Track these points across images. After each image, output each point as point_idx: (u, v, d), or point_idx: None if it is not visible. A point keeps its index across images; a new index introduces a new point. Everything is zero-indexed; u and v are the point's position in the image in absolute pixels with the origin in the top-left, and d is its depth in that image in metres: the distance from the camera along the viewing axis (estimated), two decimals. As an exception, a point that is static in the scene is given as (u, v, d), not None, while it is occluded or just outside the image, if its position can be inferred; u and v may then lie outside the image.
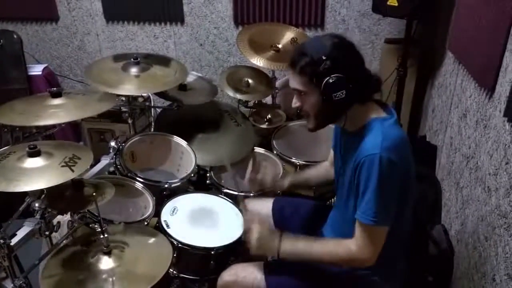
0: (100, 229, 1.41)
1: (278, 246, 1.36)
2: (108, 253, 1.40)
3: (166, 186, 1.98)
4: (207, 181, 2.16)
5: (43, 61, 3.59)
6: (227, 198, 1.95)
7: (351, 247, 1.29)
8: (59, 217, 1.57)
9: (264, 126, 2.58)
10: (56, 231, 1.54)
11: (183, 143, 2.20)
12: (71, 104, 1.75)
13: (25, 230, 1.44)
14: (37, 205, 1.43)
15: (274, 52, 2.53)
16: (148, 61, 2.24)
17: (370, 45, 3.11)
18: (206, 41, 3.34)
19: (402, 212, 1.30)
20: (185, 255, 1.66)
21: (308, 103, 1.32)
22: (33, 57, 3.60)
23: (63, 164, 1.36)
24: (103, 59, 2.58)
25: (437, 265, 1.79)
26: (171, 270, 1.69)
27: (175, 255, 1.62)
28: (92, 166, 1.91)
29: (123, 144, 2.10)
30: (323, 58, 1.23)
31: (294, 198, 1.90)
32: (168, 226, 1.71)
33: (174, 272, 1.70)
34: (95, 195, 1.47)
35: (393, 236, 1.28)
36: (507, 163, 1.31)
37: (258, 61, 2.45)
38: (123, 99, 2.22)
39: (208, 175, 2.17)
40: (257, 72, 2.62)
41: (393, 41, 2.96)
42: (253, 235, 1.40)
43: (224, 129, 2.45)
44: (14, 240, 1.39)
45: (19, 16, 3.53)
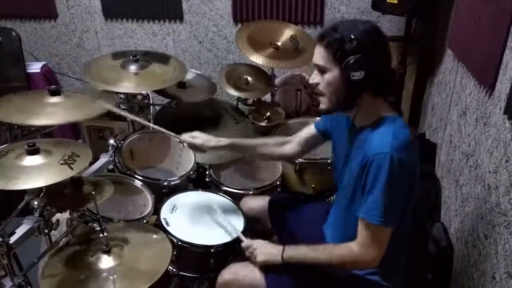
0: (99, 228, 1.40)
1: (281, 252, 1.39)
2: (107, 252, 1.39)
3: (165, 184, 1.98)
4: (206, 179, 2.16)
5: (41, 59, 3.58)
6: (226, 195, 1.95)
7: (354, 248, 1.28)
8: (58, 215, 1.56)
9: (263, 123, 2.58)
10: (55, 229, 1.53)
11: (183, 140, 2.19)
12: (69, 103, 1.74)
13: (24, 228, 1.44)
14: (36, 203, 1.42)
15: (273, 49, 2.51)
16: (147, 58, 2.24)
17: (369, 43, 3.10)
18: (205, 38, 3.33)
19: (405, 212, 1.29)
20: (184, 253, 1.66)
21: (326, 80, 1.29)
22: (31, 55, 3.58)
23: (62, 162, 1.36)
24: (102, 56, 2.58)
25: (437, 263, 1.79)
26: (171, 268, 1.69)
27: (174, 253, 1.62)
28: (91, 164, 1.91)
29: (122, 142, 2.10)
30: (352, 37, 1.21)
31: (292, 196, 1.89)
32: (167, 224, 1.71)
33: (173, 270, 1.70)
34: (94, 193, 1.46)
35: (395, 235, 1.27)
36: (507, 161, 1.31)
37: (257, 59, 2.44)
38: (122, 96, 2.21)
39: (207, 173, 2.18)
40: (256, 69, 2.61)
41: (392, 38, 2.94)
42: (255, 250, 1.45)
43: (223, 126, 2.45)
44: (13, 238, 1.39)
45: (17, 13, 3.51)
